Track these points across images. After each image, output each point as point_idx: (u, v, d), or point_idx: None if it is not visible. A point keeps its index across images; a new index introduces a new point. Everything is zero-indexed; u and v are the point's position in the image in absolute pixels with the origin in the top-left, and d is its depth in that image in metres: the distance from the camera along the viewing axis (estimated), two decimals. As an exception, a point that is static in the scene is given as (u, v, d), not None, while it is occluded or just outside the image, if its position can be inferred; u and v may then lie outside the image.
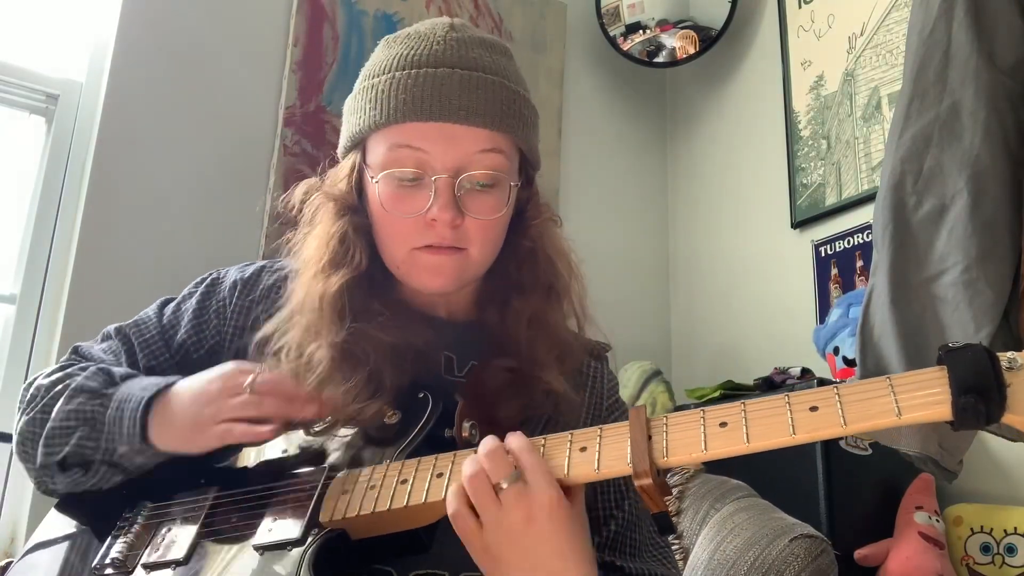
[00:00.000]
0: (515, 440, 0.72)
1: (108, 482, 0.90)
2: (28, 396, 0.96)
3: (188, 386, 0.89)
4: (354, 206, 0.92)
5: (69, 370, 0.96)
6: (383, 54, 0.93)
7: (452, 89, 0.86)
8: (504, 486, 0.68)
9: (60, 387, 0.93)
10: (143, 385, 0.89)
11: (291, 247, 0.95)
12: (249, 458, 0.91)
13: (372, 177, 0.89)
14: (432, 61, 0.88)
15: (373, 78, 0.91)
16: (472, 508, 0.70)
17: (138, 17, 2.07)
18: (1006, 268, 1.21)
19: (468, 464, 0.71)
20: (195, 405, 0.86)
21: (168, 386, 0.89)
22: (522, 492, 0.68)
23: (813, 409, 0.63)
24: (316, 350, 0.87)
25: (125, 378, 0.92)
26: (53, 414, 0.91)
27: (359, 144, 0.92)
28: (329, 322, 0.88)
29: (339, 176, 0.94)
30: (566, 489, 0.70)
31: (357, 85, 0.94)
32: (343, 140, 0.96)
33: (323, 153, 2.16)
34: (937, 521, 1.69)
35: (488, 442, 0.72)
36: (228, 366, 0.89)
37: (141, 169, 2.01)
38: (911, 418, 0.59)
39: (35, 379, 0.98)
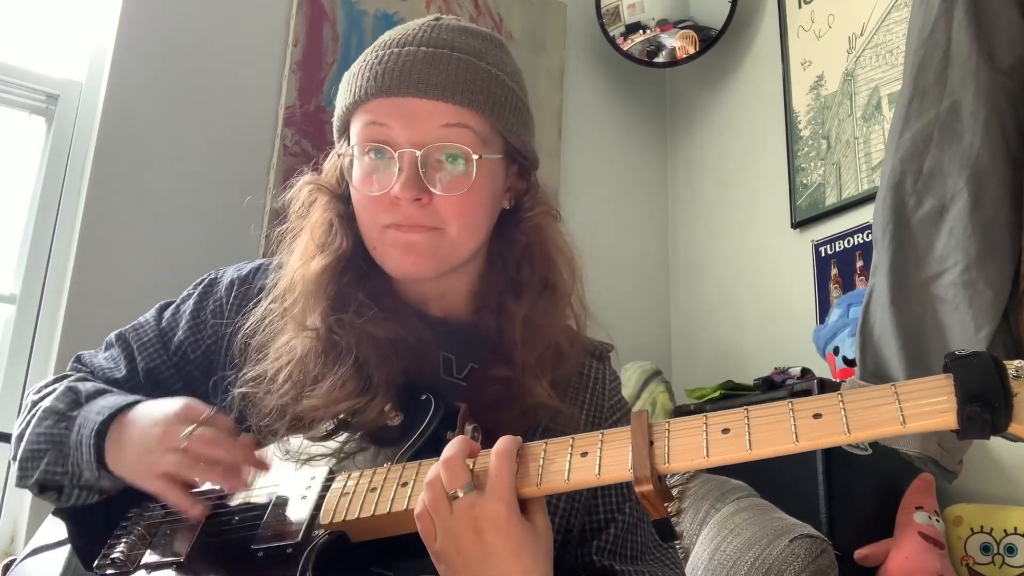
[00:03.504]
0: (501, 443, 0.71)
1: (86, 501, 0.90)
2: (21, 409, 0.96)
3: (142, 415, 0.85)
4: (341, 194, 0.93)
5: (56, 385, 0.96)
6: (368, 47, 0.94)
7: (415, 64, 0.86)
8: (460, 495, 0.68)
9: (38, 406, 0.93)
10: (99, 408, 0.87)
11: (283, 240, 0.96)
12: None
13: (348, 158, 0.90)
14: (402, 43, 0.89)
15: (353, 66, 0.92)
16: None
17: (138, 17, 2.07)
18: (1006, 268, 1.21)
19: (433, 467, 0.71)
20: (139, 445, 0.83)
21: (125, 408, 0.86)
22: (473, 503, 0.67)
23: (817, 416, 0.62)
24: (299, 341, 0.87)
25: (91, 397, 0.90)
26: (26, 436, 0.91)
27: (344, 132, 0.94)
28: (311, 306, 0.88)
29: (328, 167, 0.96)
30: (524, 504, 0.69)
31: None
32: (334, 131, 0.97)
33: (323, 153, 2.16)
34: (937, 521, 1.69)
35: (449, 449, 0.71)
36: (176, 407, 0.84)
37: (141, 169, 2.01)
38: (916, 427, 0.58)
39: (30, 392, 0.98)
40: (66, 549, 0.90)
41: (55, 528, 0.93)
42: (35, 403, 0.95)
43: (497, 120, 0.89)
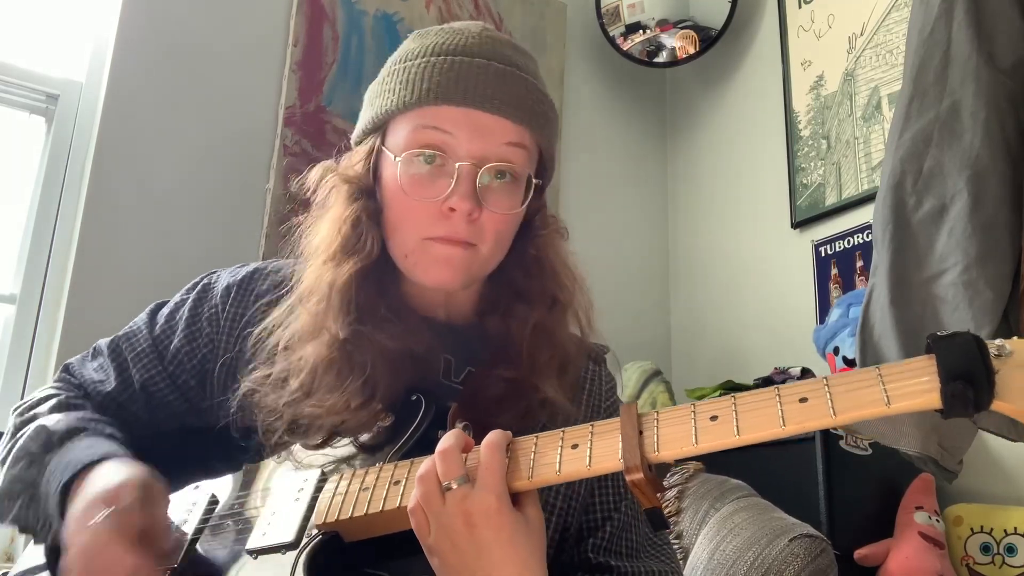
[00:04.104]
0: (490, 436, 0.71)
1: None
2: (6, 430, 0.95)
3: (96, 479, 0.81)
4: (369, 190, 0.91)
5: (35, 410, 0.94)
6: (415, 43, 0.92)
7: (487, 79, 0.86)
8: (453, 487, 0.68)
9: (14, 440, 0.91)
10: (66, 462, 0.84)
11: (301, 230, 0.94)
12: (245, 463, 0.91)
13: (395, 156, 0.87)
14: (468, 51, 0.88)
15: (405, 62, 0.90)
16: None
17: (138, 17, 2.07)
18: (1006, 268, 1.21)
19: (425, 462, 0.71)
20: (76, 512, 0.79)
21: (89, 466, 0.82)
22: (466, 495, 0.68)
23: (803, 400, 0.63)
24: (315, 347, 0.86)
25: (63, 439, 0.87)
26: (2, 472, 0.89)
27: (380, 127, 0.91)
28: (336, 313, 0.86)
29: (355, 159, 0.93)
30: (516, 497, 0.70)
31: (383, 71, 0.93)
32: (362, 124, 0.94)
33: (323, 154, 2.15)
34: (937, 521, 1.69)
35: (444, 441, 0.71)
36: (105, 487, 0.79)
37: (141, 169, 2.01)
38: (900, 407, 0.59)
39: (16, 408, 0.97)
40: None
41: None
42: (11, 433, 0.93)
43: (545, 142, 0.91)
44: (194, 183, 2.06)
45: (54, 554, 0.82)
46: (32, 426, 0.90)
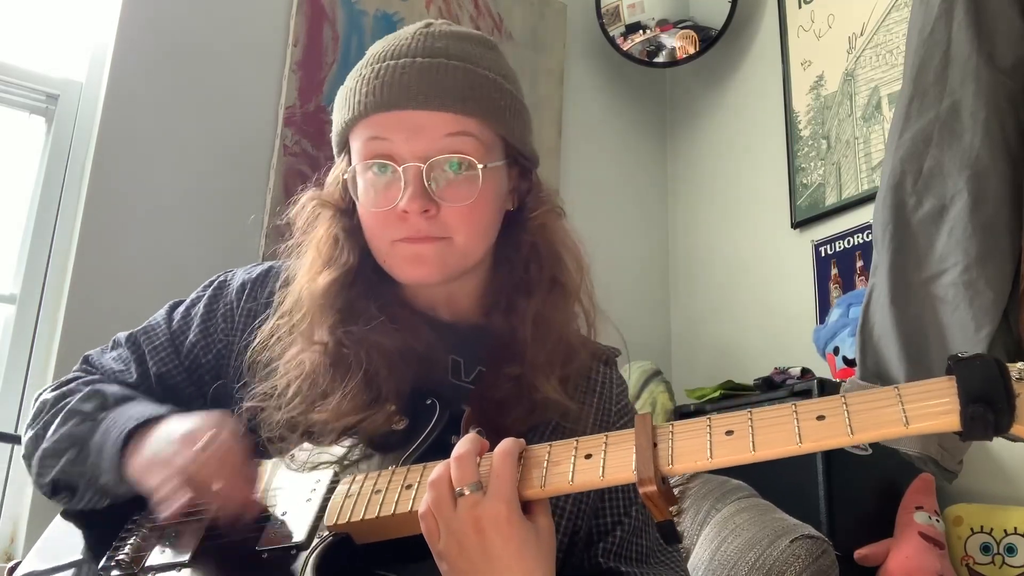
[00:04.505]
0: (503, 444, 0.71)
1: (97, 505, 0.89)
2: (34, 411, 0.96)
3: (165, 430, 0.84)
4: (345, 209, 0.93)
5: (72, 385, 0.95)
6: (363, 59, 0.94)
7: (411, 77, 0.86)
8: (466, 493, 0.68)
9: (59, 405, 0.93)
10: (129, 415, 0.87)
11: (289, 255, 0.95)
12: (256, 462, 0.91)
13: (351, 172, 0.89)
14: (396, 54, 0.89)
15: (349, 79, 0.92)
16: None
17: (138, 17, 2.07)
18: (1006, 268, 1.21)
19: (438, 467, 0.71)
20: (151, 458, 0.82)
21: (155, 419, 0.86)
22: (477, 502, 0.68)
23: (820, 418, 0.62)
24: (308, 355, 0.87)
25: (120, 401, 0.90)
26: (47, 435, 0.91)
27: (344, 146, 0.93)
28: (319, 321, 0.88)
29: (331, 182, 0.96)
30: (528, 505, 0.70)
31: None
32: (333, 145, 0.97)
33: (323, 153, 2.16)
34: (937, 521, 1.69)
35: (461, 446, 0.71)
36: (192, 426, 0.83)
37: (141, 169, 2.01)
38: (919, 428, 0.59)
39: (41, 392, 0.98)
40: (72, 548, 0.89)
41: (59, 529, 0.93)
42: (51, 403, 0.94)
43: (498, 125, 0.90)
44: (194, 183, 2.06)
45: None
46: (84, 391, 0.92)
